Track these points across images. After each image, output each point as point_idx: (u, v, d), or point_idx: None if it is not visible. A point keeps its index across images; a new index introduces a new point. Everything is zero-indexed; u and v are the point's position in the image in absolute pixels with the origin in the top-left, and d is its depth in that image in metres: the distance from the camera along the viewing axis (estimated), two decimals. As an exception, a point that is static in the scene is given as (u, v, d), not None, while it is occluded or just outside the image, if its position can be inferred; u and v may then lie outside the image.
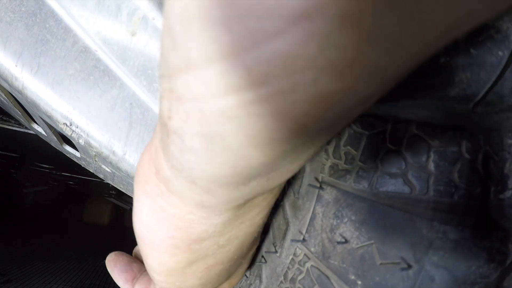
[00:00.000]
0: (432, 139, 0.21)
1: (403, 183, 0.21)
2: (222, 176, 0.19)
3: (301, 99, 0.14)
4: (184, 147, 0.18)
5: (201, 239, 0.25)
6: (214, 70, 0.14)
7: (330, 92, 0.14)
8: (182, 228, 0.24)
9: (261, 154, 0.17)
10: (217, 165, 0.18)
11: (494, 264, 0.21)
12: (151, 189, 0.24)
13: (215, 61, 0.14)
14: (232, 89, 0.14)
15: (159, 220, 0.25)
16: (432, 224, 0.21)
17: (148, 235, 0.26)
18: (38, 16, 0.37)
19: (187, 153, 0.18)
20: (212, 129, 0.16)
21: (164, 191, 0.23)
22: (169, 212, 0.24)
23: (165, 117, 0.18)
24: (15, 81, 0.37)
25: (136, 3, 0.36)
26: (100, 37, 0.37)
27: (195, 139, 0.17)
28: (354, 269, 0.23)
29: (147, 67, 0.37)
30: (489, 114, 0.21)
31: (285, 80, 0.14)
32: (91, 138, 0.38)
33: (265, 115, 0.15)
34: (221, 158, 0.17)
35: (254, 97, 0.14)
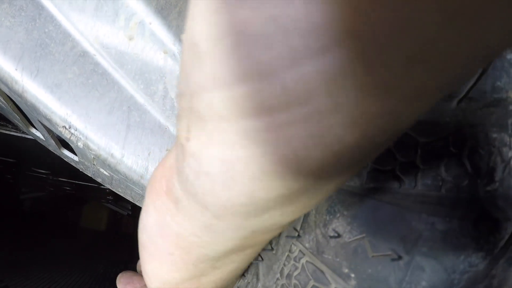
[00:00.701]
0: (419, 135, 0.22)
1: (392, 178, 0.22)
2: (237, 205, 0.18)
3: (339, 121, 0.13)
4: (201, 171, 0.17)
5: (199, 261, 0.25)
6: (247, 88, 0.13)
7: (372, 114, 0.13)
8: (183, 248, 0.24)
9: (283, 184, 0.16)
10: (234, 193, 0.17)
11: (482, 253, 0.21)
12: (160, 205, 0.23)
13: (249, 79, 0.13)
14: (264, 110, 0.13)
15: (163, 235, 0.24)
16: (420, 216, 0.21)
17: (149, 244, 0.26)
18: (38, 21, 0.38)
19: (203, 177, 0.17)
20: (235, 153, 0.15)
21: (173, 209, 0.22)
22: (174, 230, 0.23)
23: (183, 138, 0.17)
24: (15, 85, 0.37)
25: (134, 8, 0.37)
26: (98, 41, 0.38)
27: (214, 163, 0.16)
28: (347, 262, 0.23)
29: (144, 71, 0.38)
30: (473, 109, 0.21)
31: (325, 100, 0.13)
32: (90, 141, 0.39)
33: (297, 139, 0.14)
34: (239, 186, 0.16)
35: (289, 118, 0.13)
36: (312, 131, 0.13)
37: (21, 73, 0.37)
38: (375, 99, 0.13)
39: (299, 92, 0.13)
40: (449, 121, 0.22)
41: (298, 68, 0.12)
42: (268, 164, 0.15)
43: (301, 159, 0.14)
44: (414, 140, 0.22)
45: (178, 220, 0.22)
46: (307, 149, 0.14)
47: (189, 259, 0.25)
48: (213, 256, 0.25)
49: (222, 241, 0.23)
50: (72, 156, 0.51)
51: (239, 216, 0.19)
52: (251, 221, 0.20)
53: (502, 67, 0.21)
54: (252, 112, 0.14)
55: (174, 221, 0.23)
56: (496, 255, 0.22)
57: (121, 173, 0.40)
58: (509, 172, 0.21)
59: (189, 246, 0.24)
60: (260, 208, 0.18)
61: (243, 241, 0.23)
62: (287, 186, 0.16)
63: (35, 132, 0.54)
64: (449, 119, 0.22)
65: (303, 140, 0.14)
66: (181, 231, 0.23)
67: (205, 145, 0.16)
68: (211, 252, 0.24)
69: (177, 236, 0.23)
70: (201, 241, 0.23)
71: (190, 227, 0.22)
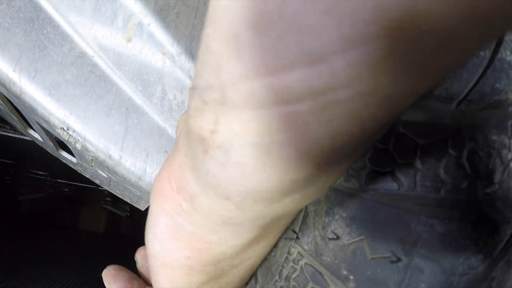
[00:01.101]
0: (418, 137, 0.22)
1: (391, 180, 0.22)
2: (264, 190, 0.18)
3: (376, 102, 0.14)
4: (228, 162, 0.17)
5: (217, 260, 0.25)
6: (295, 74, 0.14)
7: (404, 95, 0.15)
8: (200, 249, 0.24)
9: (315, 164, 0.17)
10: (264, 178, 0.17)
11: (482, 255, 0.21)
12: (170, 207, 0.23)
13: (299, 65, 0.14)
14: (311, 94, 0.14)
15: (176, 239, 0.24)
16: (419, 218, 0.21)
17: (162, 253, 0.25)
18: (36, 22, 0.38)
19: (230, 168, 0.17)
20: (273, 138, 0.16)
21: (186, 209, 0.22)
22: (188, 231, 0.23)
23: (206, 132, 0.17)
24: (13, 86, 0.37)
25: (132, 9, 0.37)
26: (97, 43, 0.38)
27: (247, 150, 0.17)
28: (346, 264, 0.23)
29: (142, 72, 0.38)
30: (472, 111, 0.21)
31: (367, 82, 0.14)
32: (88, 143, 0.39)
33: (337, 120, 0.15)
34: (271, 170, 0.17)
35: (332, 101, 0.14)
36: (351, 111, 0.14)
37: (19, 75, 0.37)
38: (409, 81, 0.14)
39: (345, 76, 0.14)
40: (448, 123, 0.22)
41: (346, 54, 0.13)
42: (306, 145, 0.16)
43: (338, 139, 0.15)
44: (413, 142, 0.22)
45: (194, 219, 0.22)
46: (345, 128, 0.15)
47: (207, 260, 0.24)
48: (231, 253, 0.24)
49: (241, 234, 0.23)
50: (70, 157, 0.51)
51: (262, 203, 0.19)
52: (272, 207, 0.20)
53: (502, 69, 0.21)
54: (297, 97, 0.14)
55: (189, 221, 0.23)
56: (495, 257, 0.22)
57: (119, 174, 0.40)
58: (509, 174, 0.21)
59: (207, 246, 0.23)
60: (285, 191, 0.18)
61: (261, 232, 0.23)
62: (318, 165, 0.17)
63: (33, 134, 0.54)
64: (449, 121, 0.22)
65: (343, 120, 0.15)
66: (197, 231, 0.23)
67: (238, 134, 0.16)
68: (230, 248, 0.24)
69: (193, 236, 0.23)
70: (219, 238, 0.23)
71: (207, 224, 0.22)
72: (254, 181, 0.18)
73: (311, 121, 0.15)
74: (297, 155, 0.16)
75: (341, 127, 0.15)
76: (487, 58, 0.20)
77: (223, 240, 0.23)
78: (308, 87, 0.14)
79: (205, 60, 0.16)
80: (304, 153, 0.16)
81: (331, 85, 0.14)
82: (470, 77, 0.20)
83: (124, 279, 0.34)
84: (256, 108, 0.15)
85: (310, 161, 0.16)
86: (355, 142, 0.16)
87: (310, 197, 0.21)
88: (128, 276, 0.35)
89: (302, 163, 0.16)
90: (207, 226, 0.22)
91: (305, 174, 0.17)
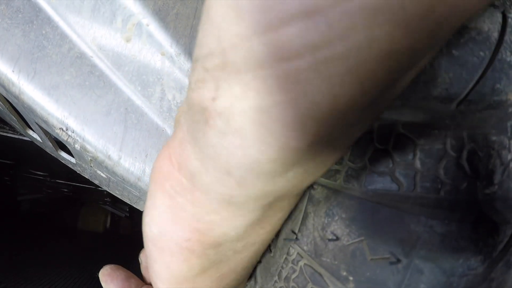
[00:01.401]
0: (418, 138, 0.22)
1: (391, 181, 0.22)
2: (265, 161, 0.18)
3: (374, 56, 0.14)
4: (229, 130, 0.17)
5: (219, 243, 0.24)
6: (292, 28, 0.14)
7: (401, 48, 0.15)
8: (201, 230, 0.23)
9: (317, 128, 0.16)
10: (264, 146, 0.17)
11: (481, 256, 0.21)
12: (171, 186, 0.22)
13: (295, 19, 0.14)
14: (308, 48, 0.14)
15: (176, 221, 0.23)
16: (419, 219, 0.21)
17: (160, 236, 0.24)
18: (35, 22, 0.38)
19: (231, 136, 0.17)
20: (273, 99, 0.16)
21: (187, 187, 0.22)
22: (189, 212, 0.22)
23: (208, 100, 0.17)
24: (12, 86, 0.37)
25: (131, 9, 0.37)
26: (96, 43, 0.38)
27: (248, 115, 0.16)
28: (346, 265, 0.23)
29: (141, 73, 0.38)
30: (472, 112, 0.21)
31: (363, 34, 0.14)
32: (87, 143, 0.39)
33: (336, 76, 0.15)
34: (272, 137, 0.17)
35: (330, 55, 0.14)
36: (350, 66, 0.14)
37: (18, 75, 0.37)
38: (405, 34, 0.14)
39: (341, 27, 0.14)
40: (448, 123, 0.21)
41: (341, 5, 0.13)
42: (307, 106, 0.15)
43: (338, 99, 0.15)
44: (412, 143, 0.22)
45: (195, 197, 0.22)
46: (343, 85, 0.15)
47: (208, 242, 0.24)
48: (233, 235, 0.24)
49: (243, 214, 0.22)
50: (69, 158, 0.51)
51: (264, 178, 0.19)
52: (275, 183, 0.20)
53: (502, 69, 0.21)
54: (296, 52, 0.14)
55: (189, 200, 0.22)
56: (495, 258, 0.22)
57: (118, 175, 0.40)
58: (508, 175, 0.21)
59: (207, 227, 0.23)
60: (286, 163, 0.18)
61: (263, 213, 0.23)
62: (320, 131, 0.17)
63: (32, 134, 0.54)
64: (448, 122, 0.21)
65: (341, 77, 0.15)
66: (197, 211, 0.22)
67: (238, 98, 0.16)
68: (232, 230, 0.23)
69: (193, 217, 0.23)
70: (220, 218, 0.22)
71: (208, 204, 0.22)
72: (255, 150, 0.17)
73: (311, 79, 0.15)
74: (298, 118, 0.16)
75: (340, 85, 0.15)
76: (487, 59, 0.20)
77: (225, 220, 0.22)
78: (306, 41, 0.14)
79: (205, 28, 0.17)
80: (305, 115, 0.16)
81: (328, 37, 0.14)
82: (470, 77, 0.20)
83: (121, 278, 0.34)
84: (256, 68, 0.15)
85: (312, 126, 0.16)
86: (356, 106, 0.16)
87: (313, 174, 0.21)
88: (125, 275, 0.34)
89: (303, 128, 0.16)
90: (208, 205, 0.22)
91: (307, 142, 0.17)
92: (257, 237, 0.26)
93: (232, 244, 0.25)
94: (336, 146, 0.19)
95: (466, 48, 0.20)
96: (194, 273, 0.25)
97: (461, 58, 0.20)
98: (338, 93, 0.15)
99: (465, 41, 0.21)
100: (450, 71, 0.20)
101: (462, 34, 0.21)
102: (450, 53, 0.21)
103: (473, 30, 0.21)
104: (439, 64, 0.21)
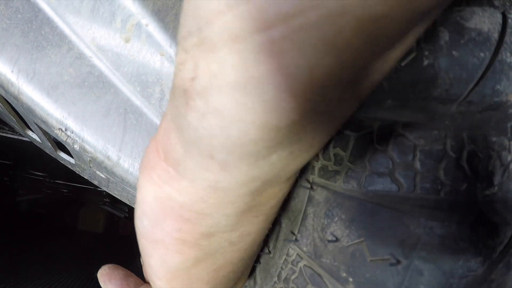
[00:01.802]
0: (418, 139, 0.22)
1: (391, 182, 0.22)
2: (246, 141, 0.17)
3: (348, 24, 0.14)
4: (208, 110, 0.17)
5: (211, 234, 0.23)
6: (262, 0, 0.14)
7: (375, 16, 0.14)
8: (191, 220, 0.23)
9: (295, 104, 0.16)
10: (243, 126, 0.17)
11: (481, 257, 0.21)
12: (158, 176, 0.22)
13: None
14: (280, 17, 0.14)
15: (165, 211, 0.23)
16: (419, 220, 0.21)
17: (151, 229, 0.24)
18: (34, 23, 0.37)
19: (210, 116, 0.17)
20: (250, 74, 0.15)
21: (173, 176, 0.22)
22: (177, 201, 0.22)
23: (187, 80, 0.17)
24: (11, 87, 0.37)
25: (130, 10, 0.37)
26: (95, 43, 0.38)
27: (225, 93, 0.16)
28: (345, 266, 0.23)
29: (140, 73, 0.38)
30: (472, 113, 0.21)
31: (335, 1, 0.14)
32: (86, 143, 0.38)
33: (310, 46, 0.15)
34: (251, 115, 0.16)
35: (303, 24, 0.14)
36: (324, 35, 0.14)
37: (17, 75, 0.37)
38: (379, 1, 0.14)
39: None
40: (448, 124, 0.21)
41: None
42: (283, 79, 0.15)
43: (314, 69, 0.15)
44: (412, 143, 0.22)
45: (181, 186, 0.22)
46: (320, 56, 0.15)
47: (199, 232, 0.23)
48: (225, 224, 0.23)
49: (231, 201, 0.22)
50: (69, 158, 0.51)
51: (247, 160, 0.19)
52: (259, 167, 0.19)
53: (502, 71, 0.21)
54: (270, 22, 0.14)
55: (176, 189, 0.22)
56: (495, 260, 0.22)
57: (118, 175, 0.40)
58: (508, 176, 0.21)
59: (197, 216, 0.22)
60: (269, 144, 0.18)
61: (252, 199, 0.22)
62: (299, 107, 0.16)
63: (32, 135, 0.54)
64: (448, 122, 0.21)
65: (317, 47, 0.15)
66: (185, 200, 0.22)
67: (216, 75, 0.16)
68: (222, 219, 0.23)
69: (182, 207, 0.22)
70: (208, 206, 0.22)
71: (194, 192, 0.21)
72: (235, 129, 0.17)
73: (285, 50, 0.15)
74: (276, 93, 0.16)
75: (316, 56, 0.15)
76: (487, 60, 0.20)
77: (214, 209, 0.22)
78: (277, 10, 0.14)
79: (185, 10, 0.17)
80: (282, 90, 0.16)
81: (300, 5, 0.14)
82: (470, 78, 0.20)
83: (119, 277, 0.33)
84: (231, 42, 0.15)
85: (290, 102, 0.16)
86: (335, 80, 0.16)
87: (299, 157, 0.20)
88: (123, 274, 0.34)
89: (282, 104, 0.16)
90: (195, 193, 0.21)
91: (287, 120, 0.17)
92: (251, 227, 0.25)
93: (226, 234, 0.24)
94: (320, 127, 0.19)
95: (466, 49, 0.20)
96: (189, 264, 0.25)
97: (461, 59, 0.20)
98: (314, 65, 0.15)
99: (465, 42, 0.21)
100: (450, 72, 0.20)
101: (462, 35, 0.21)
102: (450, 54, 0.21)
103: (473, 31, 0.21)
104: (439, 64, 0.21)
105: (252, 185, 0.21)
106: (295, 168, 0.22)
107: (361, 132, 0.23)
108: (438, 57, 0.21)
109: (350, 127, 0.23)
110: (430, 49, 0.21)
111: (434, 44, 0.21)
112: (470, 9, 0.21)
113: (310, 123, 0.18)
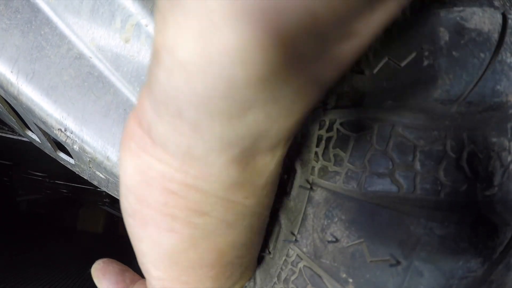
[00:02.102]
0: (418, 139, 0.22)
1: (391, 183, 0.22)
2: (214, 97, 0.17)
3: None
4: (174, 64, 0.16)
5: (202, 211, 0.22)
6: None
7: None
8: (176, 193, 0.21)
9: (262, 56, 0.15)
10: (210, 79, 0.16)
11: (481, 258, 0.21)
12: (136, 144, 0.21)
13: None
14: None
15: (148, 183, 0.21)
16: (419, 221, 0.21)
17: (138, 206, 0.22)
18: (34, 23, 0.37)
19: (177, 70, 0.16)
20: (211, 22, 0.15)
21: (148, 142, 0.20)
22: (158, 170, 0.21)
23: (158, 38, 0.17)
24: (10, 87, 0.37)
25: (130, 10, 0.37)
26: (94, 44, 0.38)
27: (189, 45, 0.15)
28: (345, 267, 0.23)
29: (140, 73, 0.38)
30: (472, 113, 0.21)
31: None
32: (86, 144, 0.38)
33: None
34: (215, 66, 0.16)
35: None
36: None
37: (16, 76, 0.37)
38: None
39: None
40: (448, 125, 0.21)
41: None
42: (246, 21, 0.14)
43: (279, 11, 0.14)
44: (412, 144, 0.22)
45: (157, 154, 0.20)
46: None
47: (188, 207, 0.22)
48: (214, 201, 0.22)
49: (212, 171, 0.20)
50: (68, 158, 0.51)
51: (218, 120, 0.18)
52: (234, 128, 0.18)
53: (502, 71, 0.21)
54: None
55: (154, 157, 0.21)
56: (494, 260, 0.22)
57: (117, 176, 0.40)
58: (508, 177, 0.21)
59: (182, 188, 0.21)
60: (240, 101, 0.17)
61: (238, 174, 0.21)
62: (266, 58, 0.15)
63: (31, 135, 0.54)
64: (448, 123, 0.21)
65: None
66: (165, 169, 0.21)
67: (181, 26, 0.15)
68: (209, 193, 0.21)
69: (164, 177, 0.21)
70: (191, 177, 0.21)
71: (171, 159, 0.20)
72: (201, 84, 0.16)
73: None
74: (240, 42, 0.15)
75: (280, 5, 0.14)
76: (487, 60, 0.20)
77: (196, 180, 0.21)
78: None
79: None
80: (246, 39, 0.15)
81: None
82: (470, 79, 0.20)
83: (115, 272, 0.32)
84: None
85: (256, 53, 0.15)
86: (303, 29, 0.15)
87: (278, 122, 0.19)
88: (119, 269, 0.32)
89: (247, 55, 0.15)
90: (173, 161, 0.20)
91: (255, 74, 0.16)
92: (244, 209, 0.23)
93: (220, 214, 0.22)
94: (299, 91, 0.18)
95: (466, 49, 0.20)
96: (185, 246, 0.23)
97: (461, 59, 0.20)
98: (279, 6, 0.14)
99: (465, 42, 0.21)
100: (450, 73, 0.20)
101: (462, 35, 0.21)
102: (450, 55, 0.21)
103: (473, 31, 0.21)
104: (440, 65, 0.21)
105: (230, 153, 0.20)
106: (275, 136, 0.20)
107: (361, 132, 0.23)
108: (438, 57, 0.21)
109: (350, 127, 0.23)
110: (430, 49, 0.21)
111: (434, 45, 0.21)
112: (470, 10, 0.21)
113: (284, 82, 0.17)
